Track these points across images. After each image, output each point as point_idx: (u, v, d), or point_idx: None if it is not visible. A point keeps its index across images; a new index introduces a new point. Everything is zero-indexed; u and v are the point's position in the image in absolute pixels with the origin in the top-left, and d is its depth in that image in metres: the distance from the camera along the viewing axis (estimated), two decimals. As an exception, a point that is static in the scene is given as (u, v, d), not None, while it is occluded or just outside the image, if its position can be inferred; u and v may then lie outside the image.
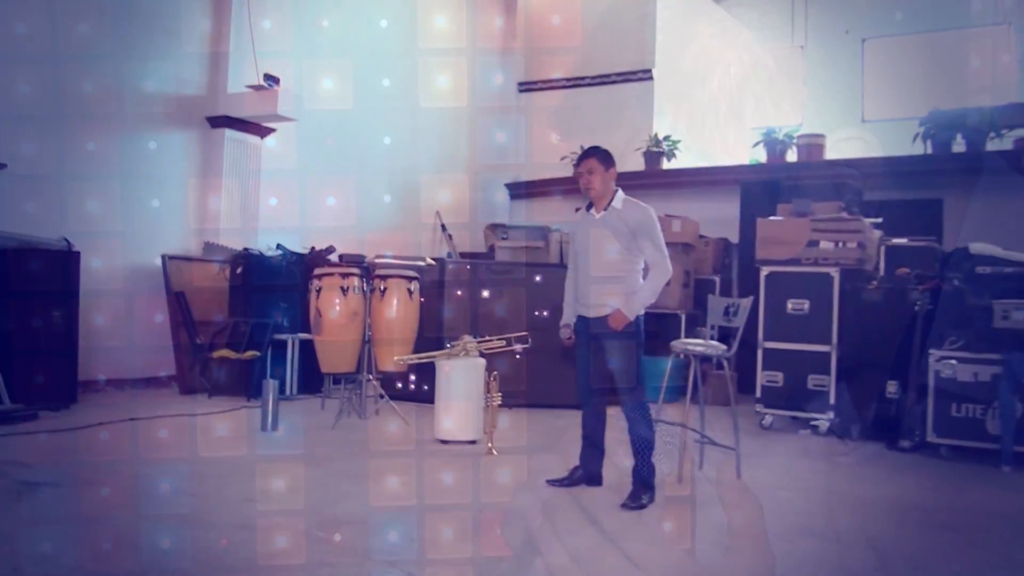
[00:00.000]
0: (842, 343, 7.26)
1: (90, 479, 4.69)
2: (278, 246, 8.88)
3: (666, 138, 12.13)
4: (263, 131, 9.47)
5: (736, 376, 8.75)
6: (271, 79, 9.05)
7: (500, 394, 5.99)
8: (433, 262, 7.82)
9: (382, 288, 7.19)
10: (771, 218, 7.77)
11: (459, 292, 8.10)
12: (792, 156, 11.56)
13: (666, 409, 5.52)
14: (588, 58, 13.43)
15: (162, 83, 8.67)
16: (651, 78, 12.84)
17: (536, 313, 7.98)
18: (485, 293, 8.14)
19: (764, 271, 7.57)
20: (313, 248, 8.90)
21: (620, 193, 4.80)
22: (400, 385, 8.06)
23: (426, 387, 7.91)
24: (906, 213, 9.76)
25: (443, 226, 12.34)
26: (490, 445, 5.90)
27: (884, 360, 6.98)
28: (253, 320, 8.25)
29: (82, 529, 3.77)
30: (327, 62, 10.42)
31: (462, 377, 6.25)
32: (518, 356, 6.69)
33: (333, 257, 8.79)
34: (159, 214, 8.61)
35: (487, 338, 6.57)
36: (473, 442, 6.19)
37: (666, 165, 12.19)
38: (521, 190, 13.59)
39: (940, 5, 13.85)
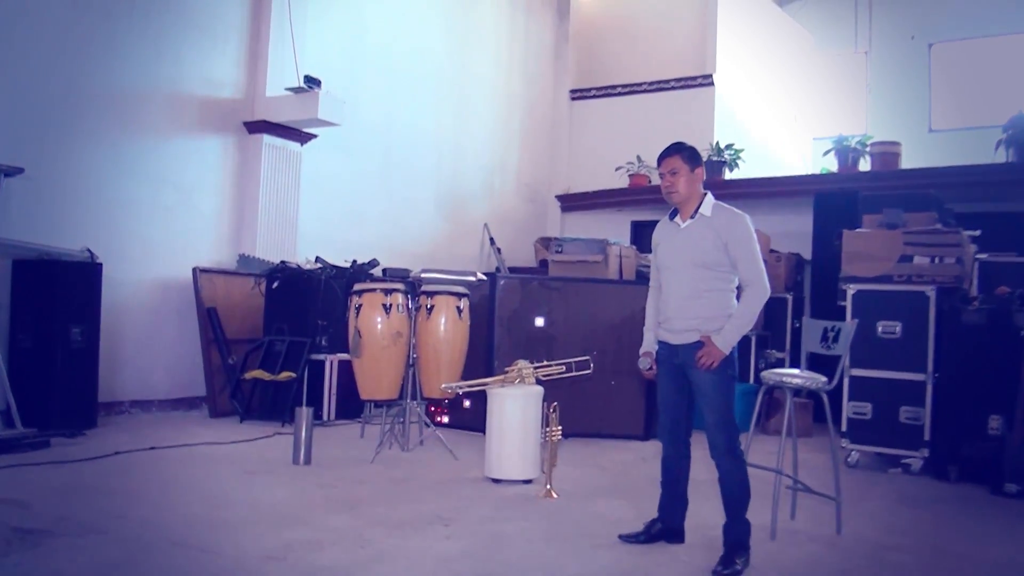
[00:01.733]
0: (939, 371, 6.48)
1: (93, 525, 4.07)
2: (317, 259, 8.31)
3: (728, 147, 11.43)
4: (303, 137, 8.92)
5: (812, 404, 8.09)
6: (312, 81, 8.48)
7: (560, 428, 5.30)
8: (484, 277, 7.15)
9: (429, 306, 6.52)
10: (858, 230, 7.01)
11: (512, 311, 7.41)
12: (864, 165, 10.84)
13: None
14: (644, 64, 12.86)
15: (196, 84, 8.14)
16: (712, 84, 12.18)
17: (596, 333, 7.33)
18: (540, 313, 7.45)
19: (851, 289, 6.82)
20: (355, 261, 8.31)
21: (709, 197, 4.08)
22: (447, 413, 7.47)
23: (476, 412, 7.33)
24: (984, 226, 8.99)
25: (492, 239, 11.73)
26: (549, 487, 5.20)
27: (986, 391, 6.20)
28: (289, 339, 7.68)
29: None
30: (372, 65, 9.92)
31: (518, 407, 5.57)
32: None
33: (376, 271, 8.19)
34: (190, 224, 8.07)
35: (544, 363, 5.89)
36: (529, 481, 5.51)
37: (728, 175, 11.52)
38: (573, 202, 13.00)
39: (1013, 7, 13.11)
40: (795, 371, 4.76)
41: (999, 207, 10.11)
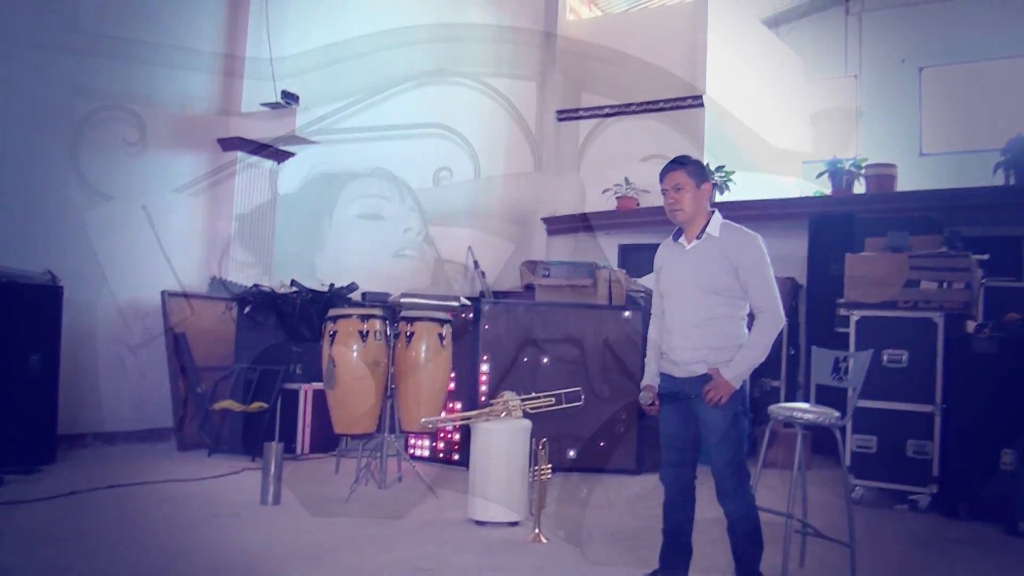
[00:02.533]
0: (947, 402, 6.15)
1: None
2: (293, 282, 7.92)
3: (719, 168, 11.15)
4: (280, 155, 8.55)
5: (810, 435, 7.73)
6: (290, 97, 8.15)
7: (550, 465, 4.92)
8: (468, 302, 6.78)
9: (408, 333, 6.11)
10: (862, 254, 6.69)
11: (497, 337, 7.04)
12: (859, 188, 10.60)
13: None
14: (633, 84, 12.59)
15: (168, 100, 7.77)
16: (702, 105, 11.94)
17: (586, 361, 6.98)
18: (527, 340, 7.06)
19: (854, 316, 6.49)
20: (332, 285, 7.92)
21: (717, 216, 3.73)
22: (428, 446, 7.09)
23: (458, 446, 6.96)
24: (982, 250, 8.75)
25: (476, 263, 11.36)
26: (537, 531, 4.81)
27: (997, 424, 5.86)
28: (261, 367, 7.26)
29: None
30: (353, 82, 9.57)
31: (503, 443, 5.18)
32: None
33: (356, 295, 7.81)
34: (159, 245, 7.65)
35: (532, 395, 5.51)
36: (515, 523, 5.11)
37: (719, 198, 11.23)
38: (559, 225, 12.68)
39: (1003, 31, 12.99)
40: (805, 405, 4.41)
41: (996, 231, 9.87)
